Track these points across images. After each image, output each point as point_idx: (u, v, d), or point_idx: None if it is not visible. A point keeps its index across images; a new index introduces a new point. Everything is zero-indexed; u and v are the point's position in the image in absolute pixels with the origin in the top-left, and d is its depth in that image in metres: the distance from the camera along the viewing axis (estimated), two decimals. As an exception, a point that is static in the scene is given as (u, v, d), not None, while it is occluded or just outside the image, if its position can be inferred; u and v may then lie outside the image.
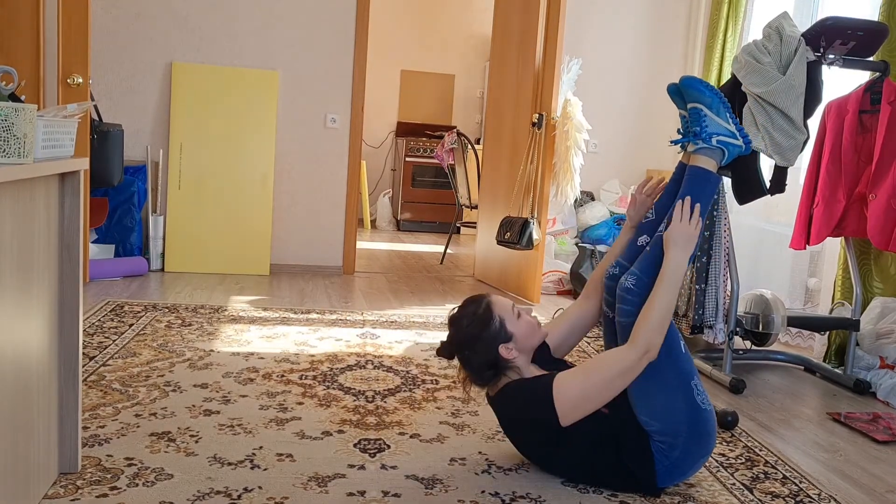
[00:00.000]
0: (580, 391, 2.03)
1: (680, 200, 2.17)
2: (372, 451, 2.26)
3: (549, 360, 2.27)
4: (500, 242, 4.56)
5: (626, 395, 2.09)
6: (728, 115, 2.27)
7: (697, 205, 2.17)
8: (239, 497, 1.93)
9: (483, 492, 2.06)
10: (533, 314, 2.24)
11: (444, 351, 2.19)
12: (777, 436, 2.68)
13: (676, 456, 2.06)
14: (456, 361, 2.20)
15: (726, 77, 4.76)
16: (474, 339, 2.12)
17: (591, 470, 2.11)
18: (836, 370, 3.42)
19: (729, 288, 3.23)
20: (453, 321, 2.18)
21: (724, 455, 2.43)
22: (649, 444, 2.06)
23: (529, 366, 2.18)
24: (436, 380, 2.96)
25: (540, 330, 2.21)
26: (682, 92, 2.32)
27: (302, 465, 2.14)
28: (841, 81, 3.54)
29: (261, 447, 2.23)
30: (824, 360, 3.60)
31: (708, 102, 2.26)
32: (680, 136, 2.35)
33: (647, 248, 2.20)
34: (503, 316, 2.13)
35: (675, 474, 2.10)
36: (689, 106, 2.30)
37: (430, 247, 6.84)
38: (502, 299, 2.20)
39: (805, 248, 3.52)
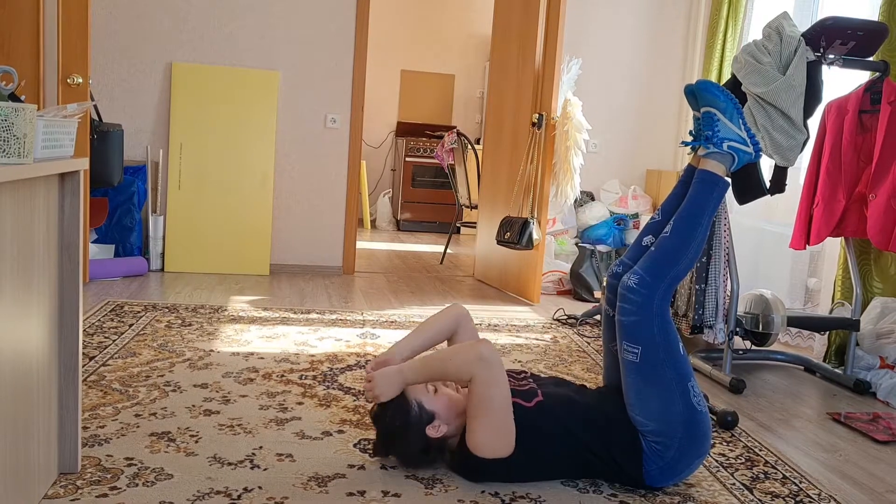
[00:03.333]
0: (487, 431, 2.03)
1: (367, 382, 2.12)
2: (372, 451, 2.26)
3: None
4: (500, 242, 4.56)
5: (613, 395, 2.09)
6: (741, 121, 2.27)
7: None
8: (239, 497, 1.93)
9: (483, 492, 2.06)
10: (448, 382, 2.20)
11: (379, 451, 2.18)
12: (777, 436, 2.68)
13: (671, 456, 2.06)
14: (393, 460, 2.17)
15: (726, 77, 4.76)
16: (400, 430, 2.09)
17: (581, 465, 2.12)
18: (836, 370, 3.42)
19: (729, 288, 3.23)
20: (376, 419, 2.15)
21: (723, 455, 2.43)
22: (641, 443, 2.07)
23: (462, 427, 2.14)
24: (436, 380, 2.96)
25: (458, 395, 2.19)
26: (697, 95, 2.32)
27: (302, 465, 2.14)
28: (841, 81, 3.54)
29: (261, 447, 2.23)
30: (824, 361, 3.60)
31: (722, 107, 2.26)
32: (692, 138, 2.35)
33: (652, 248, 2.20)
34: (419, 399, 2.11)
35: (669, 475, 2.10)
36: (703, 109, 2.30)
37: (430, 247, 6.83)
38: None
39: (805, 248, 3.52)
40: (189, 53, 4.77)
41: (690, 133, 2.36)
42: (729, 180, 2.34)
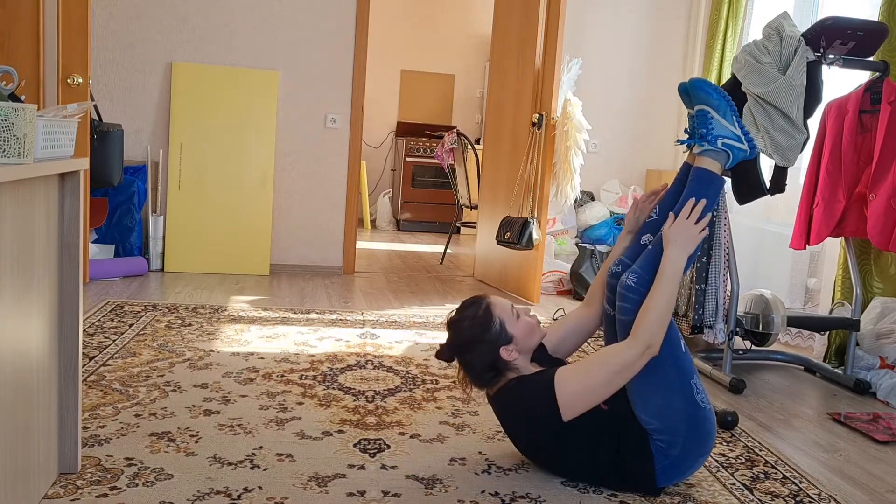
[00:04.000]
0: (581, 386, 2.04)
1: (692, 199, 2.17)
2: (372, 451, 2.26)
3: (547, 358, 2.28)
4: (500, 242, 4.56)
5: (625, 393, 2.09)
6: (735, 118, 2.28)
7: (704, 207, 2.17)
8: (239, 497, 1.93)
9: (483, 492, 2.06)
10: (532, 313, 2.25)
11: (444, 354, 2.19)
12: (777, 436, 2.68)
13: (676, 455, 2.06)
14: (455, 363, 2.21)
15: (726, 77, 4.76)
16: (475, 342, 2.12)
17: (592, 467, 2.11)
18: (836, 370, 3.42)
19: (729, 288, 3.23)
20: (453, 324, 2.18)
21: (724, 455, 2.43)
22: (649, 444, 2.06)
23: (529, 365, 2.19)
24: (436, 380, 2.96)
25: (539, 329, 2.21)
26: (690, 93, 2.33)
27: (302, 465, 2.14)
28: (841, 81, 3.54)
29: (261, 447, 2.23)
30: (824, 361, 3.60)
31: (715, 105, 2.27)
32: (687, 137, 2.36)
33: (650, 246, 2.20)
34: (503, 318, 2.14)
35: (674, 473, 2.10)
36: (697, 108, 2.31)
37: (430, 247, 6.84)
38: (501, 300, 2.20)
39: (805, 248, 3.52)
40: (189, 53, 4.77)
41: (686, 131, 2.37)
42: (725, 178, 2.34)
